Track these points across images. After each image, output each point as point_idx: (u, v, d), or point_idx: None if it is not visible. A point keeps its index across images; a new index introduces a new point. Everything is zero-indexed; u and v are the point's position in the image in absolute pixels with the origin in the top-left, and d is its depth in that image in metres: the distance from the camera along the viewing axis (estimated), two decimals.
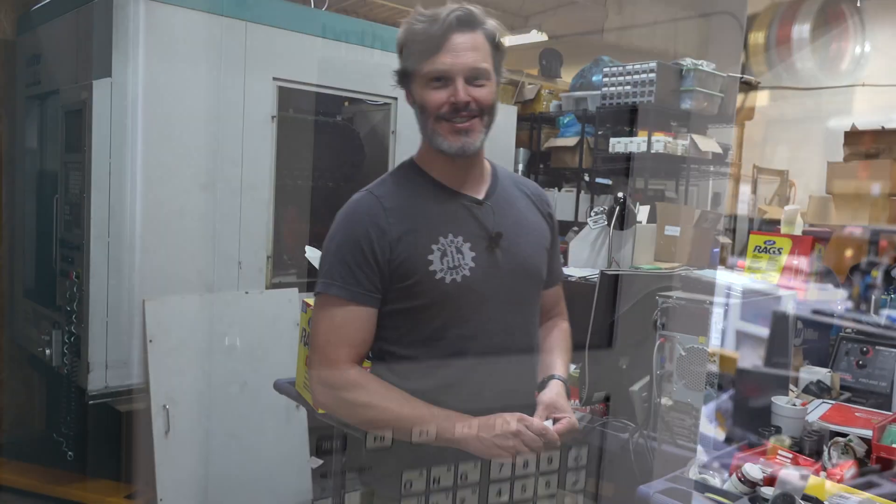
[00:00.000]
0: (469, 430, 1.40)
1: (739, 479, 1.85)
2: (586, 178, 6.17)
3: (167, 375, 3.43)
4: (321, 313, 1.47)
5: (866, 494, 1.77)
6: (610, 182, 6.55)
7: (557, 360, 1.69)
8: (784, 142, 8.09)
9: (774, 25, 7.55)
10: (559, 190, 6.48)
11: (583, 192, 6.16)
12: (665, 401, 2.31)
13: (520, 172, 6.51)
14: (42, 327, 3.80)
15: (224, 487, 3.47)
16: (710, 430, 2.23)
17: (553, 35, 9.09)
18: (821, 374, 2.90)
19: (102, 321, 3.33)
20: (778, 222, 4.66)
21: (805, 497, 1.80)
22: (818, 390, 2.82)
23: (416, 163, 1.60)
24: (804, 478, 1.75)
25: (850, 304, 3.57)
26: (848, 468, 1.95)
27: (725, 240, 5.95)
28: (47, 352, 3.53)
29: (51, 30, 3.85)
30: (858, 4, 6.82)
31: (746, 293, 2.34)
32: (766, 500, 1.76)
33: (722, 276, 2.51)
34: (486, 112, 1.50)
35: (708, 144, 5.94)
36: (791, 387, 2.82)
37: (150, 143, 3.37)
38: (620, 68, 5.75)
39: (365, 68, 4.17)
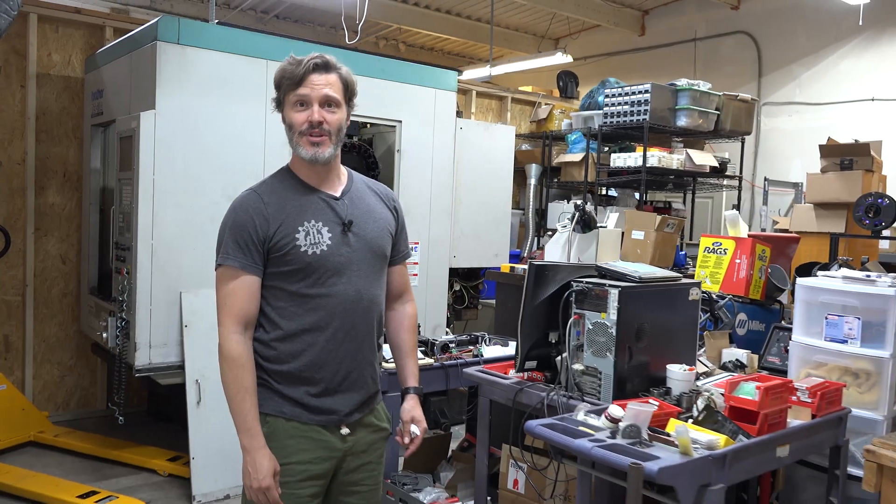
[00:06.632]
0: (246, 453, 1.95)
1: (607, 418, 2.38)
2: (592, 190, 6.66)
3: (200, 355, 4.11)
4: (222, 279, 2.02)
5: (693, 426, 2.28)
6: (616, 194, 7.04)
7: (409, 368, 2.29)
8: (798, 155, 8.38)
9: None
10: (568, 202, 7.00)
11: (588, 203, 6.65)
12: (577, 366, 2.83)
13: (531, 187, 7.07)
14: (101, 317, 4.55)
15: None
16: (610, 388, 2.74)
17: (578, 57, 9.64)
18: (739, 354, 3.37)
19: (147, 309, 4.04)
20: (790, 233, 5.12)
21: (655, 430, 2.32)
22: (733, 367, 3.29)
23: (290, 168, 2.15)
24: (646, 411, 2.27)
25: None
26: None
27: None
28: (104, 335, 4.27)
29: (111, 70, 4.63)
30: (860, 24, 7.14)
31: (646, 279, 2.84)
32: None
33: (633, 265, 2.99)
34: (334, 132, 2.05)
35: (704, 158, 6.37)
36: (707, 363, 3.29)
37: (187, 163, 4.09)
38: (619, 89, 6.25)
39: (374, 96, 4.81)
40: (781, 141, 8.60)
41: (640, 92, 6.07)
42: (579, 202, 3.95)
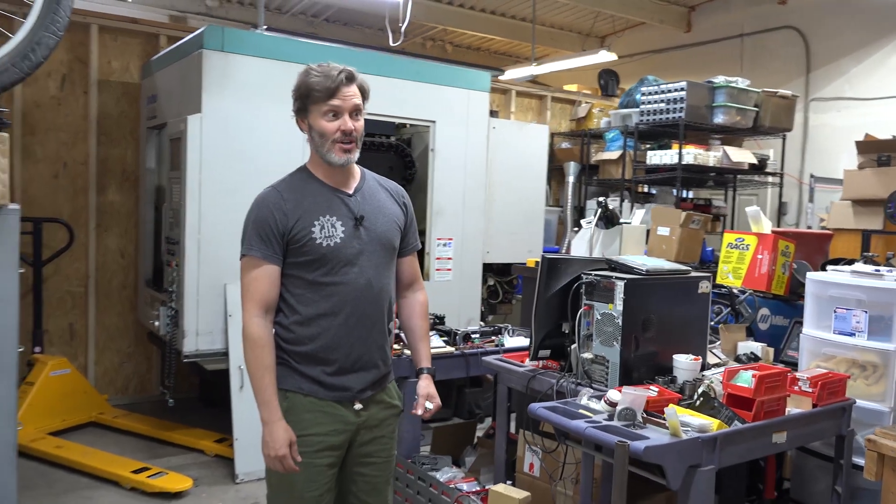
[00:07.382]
0: (265, 425, 2.15)
1: (605, 402, 2.52)
2: (629, 188, 6.73)
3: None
4: (246, 268, 2.25)
5: (685, 410, 2.40)
6: (655, 192, 7.08)
7: (422, 351, 2.48)
8: (847, 151, 8.22)
9: None
10: (606, 199, 7.07)
11: (625, 200, 6.72)
12: (586, 354, 2.97)
13: (569, 185, 7.17)
14: (155, 307, 4.87)
15: None
16: (617, 375, 2.86)
17: (624, 55, 9.64)
18: (754, 347, 3.44)
19: (194, 299, 4.33)
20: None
21: (650, 413, 2.45)
22: (747, 359, 3.37)
23: (308, 168, 2.35)
24: (641, 395, 2.40)
25: None
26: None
27: None
28: (156, 324, 4.59)
29: (163, 76, 4.95)
30: None
31: (652, 272, 2.96)
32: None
33: (642, 259, 3.10)
34: (360, 138, 2.27)
35: (741, 155, 6.37)
36: (721, 355, 3.38)
37: (230, 163, 4.36)
38: (655, 87, 6.30)
39: (409, 97, 5.01)
40: (830, 137, 8.44)
41: (675, 90, 6.11)
42: (602, 199, 4.07)
